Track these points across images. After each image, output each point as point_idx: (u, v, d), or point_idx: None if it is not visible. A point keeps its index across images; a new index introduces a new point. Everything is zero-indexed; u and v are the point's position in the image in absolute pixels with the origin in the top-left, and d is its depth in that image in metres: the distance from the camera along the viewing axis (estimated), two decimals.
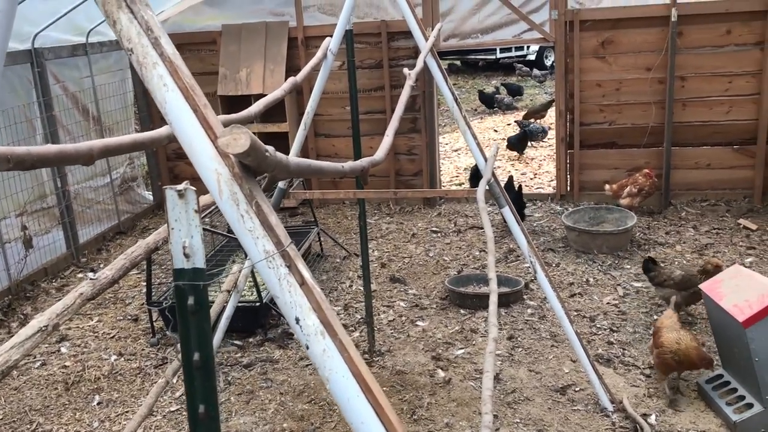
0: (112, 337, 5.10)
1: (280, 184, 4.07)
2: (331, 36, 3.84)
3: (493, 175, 3.75)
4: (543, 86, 16.06)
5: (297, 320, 1.16)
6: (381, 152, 2.52)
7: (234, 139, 1.04)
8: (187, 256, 1.01)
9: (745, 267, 5.10)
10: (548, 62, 18.69)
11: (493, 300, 2.75)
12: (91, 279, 2.04)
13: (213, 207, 5.09)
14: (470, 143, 3.81)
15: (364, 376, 1.17)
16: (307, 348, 1.17)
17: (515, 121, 11.07)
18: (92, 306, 5.58)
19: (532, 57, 18.27)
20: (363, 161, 2.19)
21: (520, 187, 7.01)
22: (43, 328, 1.84)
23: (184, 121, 1.14)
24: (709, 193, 7.05)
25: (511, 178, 7.14)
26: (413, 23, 3.76)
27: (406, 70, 3.46)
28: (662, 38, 6.75)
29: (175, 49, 1.18)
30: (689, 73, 6.82)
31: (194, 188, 1.01)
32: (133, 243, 7.25)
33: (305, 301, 1.16)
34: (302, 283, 1.17)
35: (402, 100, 3.13)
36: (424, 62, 3.70)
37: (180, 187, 0.99)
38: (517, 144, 9.79)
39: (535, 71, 16.75)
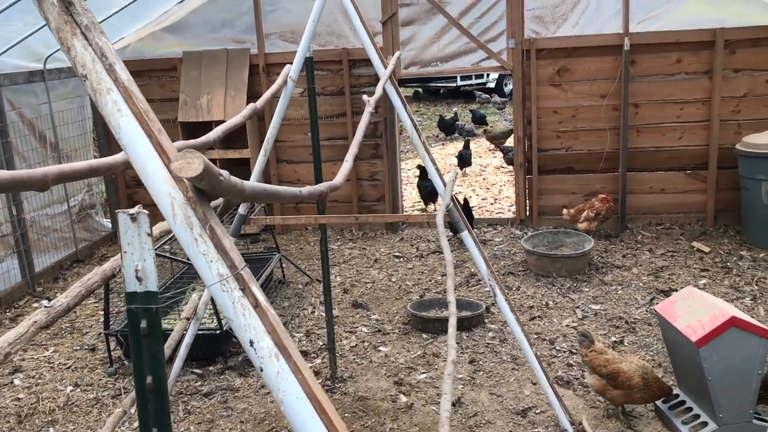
0: (68, 368, 4.99)
1: (240, 210, 4.07)
2: (292, 63, 3.88)
3: (452, 199, 3.81)
4: (503, 113, 16.33)
5: (251, 343, 1.17)
6: (340, 177, 2.55)
7: (187, 163, 1.05)
8: (139, 279, 1.01)
9: (699, 288, 5.23)
10: (507, 89, 19.03)
11: (452, 323, 2.78)
12: (45, 307, 2.01)
13: (172, 234, 5.06)
14: (429, 169, 3.86)
15: (318, 398, 1.19)
16: (261, 370, 1.18)
17: (498, 147, 11.59)
18: (48, 336, 5.46)
19: (492, 84, 18.61)
20: (321, 186, 2.21)
21: (465, 200, 7.44)
22: None
23: (138, 146, 1.15)
24: (663, 216, 7.23)
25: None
26: (372, 51, 3.82)
27: (365, 97, 3.51)
28: (616, 66, 6.95)
29: (130, 75, 1.19)
30: (642, 100, 7.03)
31: (147, 212, 1.02)
32: (91, 271, 7.09)
33: (259, 323, 1.17)
34: (256, 305, 1.18)
35: (361, 126, 3.17)
36: (384, 89, 3.76)
37: (132, 210, 1.00)
38: (461, 161, 10.69)
39: (495, 98, 17.05)
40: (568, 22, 7.05)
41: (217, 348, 4.96)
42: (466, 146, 10.95)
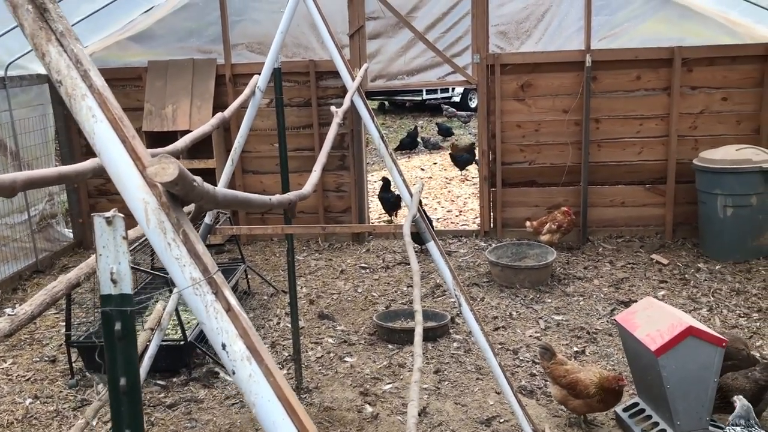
0: (28, 380, 4.89)
1: (207, 219, 4.06)
2: (260, 73, 3.90)
3: (419, 209, 3.85)
4: (468, 126, 16.52)
5: (223, 346, 1.19)
6: (308, 187, 2.57)
7: (162, 168, 1.07)
8: (114, 282, 1.03)
9: (658, 299, 5.35)
10: (472, 104, 19.26)
11: (419, 331, 2.81)
12: (9, 315, 1.99)
13: (136, 244, 5.01)
14: (396, 179, 3.90)
15: (289, 400, 1.21)
16: (233, 373, 1.20)
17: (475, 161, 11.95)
18: (5, 348, 5.35)
19: (457, 99, 18.82)
20: (290, 195, 2.23)
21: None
22: None
23: (112, 151, 1.17)
24: (623, 229, 7.39)
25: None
26: (340, 63, 3.86)
27: (333, 108, 3.54)
28: (578, 82, 7.11)
29: (104, 82, 1.21)
30: (603, 115, 7.19)
31: (122, 215, 1.03)
32: (52, 281, 6.95)
33: (231, 327, 1.19)
34: (228, 309, 1.20)
35: (329, 137, 3.20)
36: (351, 101, 3.80)
37: (108, 214, 1.02)
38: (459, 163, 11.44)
39: (460, 112, 17.23)
40: (531, 38, 7.19)
41: (181, 359, 4.91)
42: (469, 150, 11.28)
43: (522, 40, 7.21)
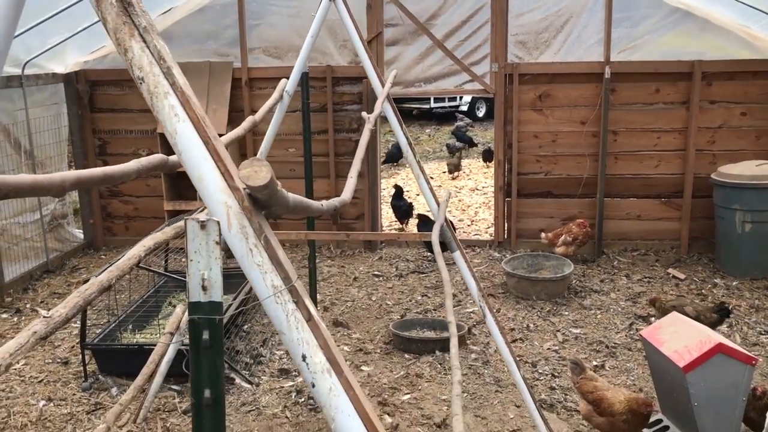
0: (40, 381, 4.83)
1: None
2: (279, 78, 3.87)
3: (446, 219, 3.81)
4: (468, 134, 16.47)
5: (303, 357, 1.14)
6: (348, 193, 2.54)
7: (255, 172, 1.02)
8: (204, 288, 0.98)
9: None
10: (480, 113, 19.23)
11: (454, 343, 2.76)
12: (44, 317, 1.95)
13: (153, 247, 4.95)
14: (423, 188, 3.85)
15: (369, 416, 1.16)
16: (313, 386, 1.15)
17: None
18: None
19: (465, 108, 18.77)
20: (335, 200, 2.19)
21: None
22: None
23: (194, 152, 1.12)
24: (639, 243, 7.33)
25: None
26: (370, 69, 3.82)
27: (365, 114, 3.50)
28: (596, 94, 7.07)
29: (186, 80, 1.17)
30: (621, 127, 7.14)
31: (216, 219, 0.99)
32: (62, 282, 6.91)
33: (312, 337, 1.15)
34: (309, 318, 1.15)
35: (362, 143, 3.16)
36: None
37: (202, 218, 0.97)
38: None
39: (459, 123, 17.05)
40: (550, 49, 7.16)
41: None
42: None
43: (541, 50, 7.18)
